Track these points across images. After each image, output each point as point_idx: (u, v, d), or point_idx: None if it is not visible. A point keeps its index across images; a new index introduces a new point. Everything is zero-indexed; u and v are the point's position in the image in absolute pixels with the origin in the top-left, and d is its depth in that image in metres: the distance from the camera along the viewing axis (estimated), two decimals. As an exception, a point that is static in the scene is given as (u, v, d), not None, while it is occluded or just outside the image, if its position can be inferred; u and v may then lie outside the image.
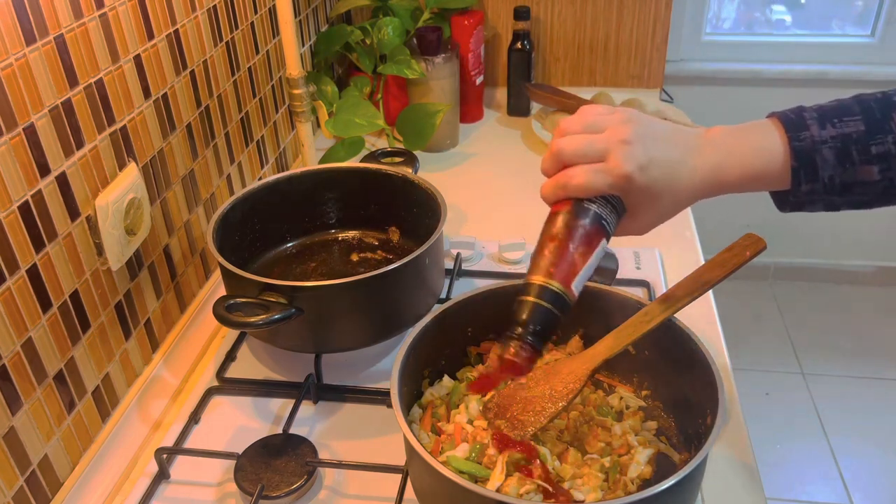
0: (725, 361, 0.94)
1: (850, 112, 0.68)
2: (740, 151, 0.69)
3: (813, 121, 0.68)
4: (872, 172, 0.68)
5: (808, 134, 0.68)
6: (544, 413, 0.72)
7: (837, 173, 0.68)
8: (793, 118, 0.69)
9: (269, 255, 1.08)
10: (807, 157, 0.68)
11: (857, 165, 0.68)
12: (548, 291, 0.66)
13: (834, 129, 0.68)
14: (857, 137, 0.67)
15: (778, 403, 2.20)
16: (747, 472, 0.81)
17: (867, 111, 0.68)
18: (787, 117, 0.69)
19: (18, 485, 0.72)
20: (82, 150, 0.80)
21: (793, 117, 0.69)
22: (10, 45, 0.69)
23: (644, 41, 1.65)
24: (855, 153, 0.67)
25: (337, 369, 0.95)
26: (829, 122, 0.68)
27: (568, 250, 0.67)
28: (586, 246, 0.67)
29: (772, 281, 2.61)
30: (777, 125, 0.69)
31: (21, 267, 0.72)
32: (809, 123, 0.68)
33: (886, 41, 2.12)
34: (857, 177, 0.68)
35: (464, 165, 1.46)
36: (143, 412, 0.91)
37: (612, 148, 0.66)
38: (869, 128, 0.67)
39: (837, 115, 0.68)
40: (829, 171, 0.68)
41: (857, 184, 0.68)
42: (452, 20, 1.51)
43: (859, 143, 0.67)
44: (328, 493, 0.81)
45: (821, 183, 0.68)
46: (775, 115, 0.71)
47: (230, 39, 1.12)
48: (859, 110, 0.68)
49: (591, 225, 0.68)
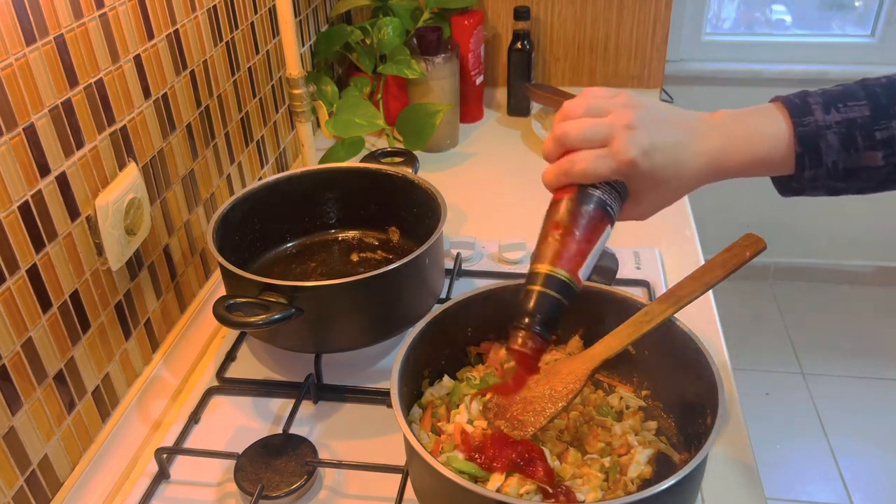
0: (725, 361, 0.94)
1: (855, 97, 0.68)
2: (744, 136, 0.68)
3: (818, 105, 0.68)
4: (876, 158, 0.67)
5: (812, 119, 0.67)
6: (544, 413, 0.73)
7: (841, 158, 0.67)
8: (797, 103, 0.68)
9: (269, 255, 1.08)
10: (811, 142, 0.67)
11: (862, 151, 0.67)
12: (554, 280, 0.64)
13: (839, 114, 0.67)
14: (862, 122, 0.66)
15: (778, 403, 2.20)
16: (747, 472, 0.81)
17: (872, 96, 0.67)
18: (792, 102, 0.69)
19: (18, 485, 0.72)
20: (82, 150, 0.80)
21: (797, 102, 0.69)
22: (10, 45, 0.69)
23: (644, 41, 1.65)
24: (859, 138, 0.67)
25: (337, 369, 0.95)
26: (833, 107, 0.67)
27: (573, 237, 0.65)
28: (591, 232, 0.66)
29: (772, 281, 2.61)
30: (781, 109, 0.69)
31: (21, 267, 0.72)
32: (814, 108, 0.68)
33: (886, 41, 2.12)
34: (861, 162, 0.67)
35: (464, 165, 1.46)
36: (143, 412, 0.91)
37: (615, 133, 0.66)
38: (874, 113, 0.67)
39: (842, 100, 0.68)
40: (833, 156, 0.67)
41: (861, 169, 0.68)
42: (452, 20, 1.51)
43: (864, 129, 0.66)
44: (328, 493, 0.81)
45: (824, 168, 0.68)
46: (779, 99, 0.70)
47: (230, 39, 1.12)
48: (864, 95, 0.68)
49: (595, 211, 0.66)
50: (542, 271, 0.65)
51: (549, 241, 0.66)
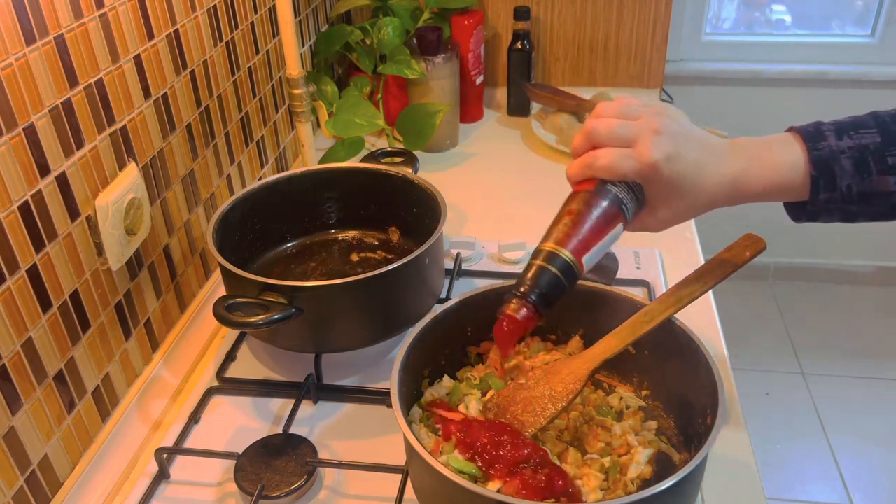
0: (725, 361, 0.94)
1: (866, 125, 0.71)
2: (762, 162, 0.71)
3: (830, 132, 0.71)
4: (888, 183, 0.69)
5: (826, 144, 0.70)
6: (544, 414, 0.73)
7: (855, 182, 0.70)
8: (811, 130, 0.71)
9: (269, 255, 1.08)
10: (825, 165, 0.70)
11: (874, 175, 0.69)
12: (558, 258, 0.66)
13: (851, 140, 0.70)
14: (874, 148, 0.69)
15: (778, 403, 2.20)
16: (747, 472, 0.81)
17: (882, 124, 0.70)
18: (806, 130, 0.72)
19: (18, 485, 0.72)
20: (82, 150, 0.80)
21: (811, 130, 0.72)
22: (10, 45, 0.69)
23: (644, 41, 1.65)
24: (872, 163, 0.69)
25: (337, 369, 0.95)
26: (846, 134, 0.70)
27: (583, 224, 0.67)
28: (603, 224, 0.68)
29: (772, 281, 2.61)
30: (796, 137, 0.72)
31: (21, 267, 0.72)
32: (827, 135, 0.70)
33: (886, 41, 2.12)
34: (873, 187, 0.70)
35: (464, 165, 1.46)
36: (143, 412, 0.91)
37: (642, 135, 0.68)
38: (885, 139, 0.69)
39: (854, 128, 0.71)
40: (848, 179, 0.70)
41: (873, 194, 0.70)
42: (452, 20, 1.51)
43: (876, 154, 0.69)
44: (328, 493, 0.81)
45: (839, 192, 0.70)
46: (794, 129, 0.73)
47: (230, 39, 1.12)
48: (874, 124, 0.71)
49: (610, 206, 0.68)
50: (546, 248, 0.67)
51: (560, 224, 0.68)
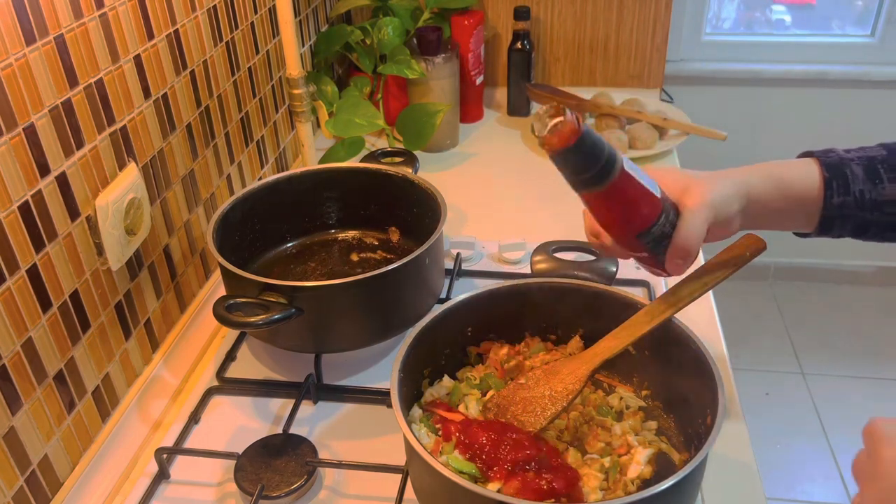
0: (725, 361, 0.94)
1: (872, 148, 0.76)
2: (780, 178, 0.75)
3: (838, 148, 0.76)
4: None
5: (835, 153, 0.75)
6: (544, 414, 0.73)
7: (867, 188, 0.73)
8: (820, 150, 0.77)
9: (269, 255, 1.08)
10: (837, 169, 0.73)
11: (886, 183, 0.72)
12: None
13: (858, 153, 0.75)
14: (882, 159, 0.73)
15: (778, 403, 2.20)
16: (747, 472, 0.81)
17: (887, 146, 0.75)
18: (816, 150, 0.77)
19: (18, 485, 0.72)
20: (82, 150, 0.80)
21: (820, 150, 0.77)
22: (10, 45, 0.69)
23: (644, 41, 1.65)
24: (882, 171, 0.73)
25: (337, 369, 0.95)
26: (853, 150, 0.76)
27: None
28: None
29: (772, 281, 2.61)
30: (807, 156, 0.77)
31: (21, 267, 0.72)
32: (835, 148, 0.76)
33: (886, 41, 2.12)
34: (885, 195, 0.72)
35: (464, 165, 1.46)
36: (143, 412, 0.91)
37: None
38: (890, 154, 0.74)
39: (860, 148, 0.76)
40: (860, 185, 0.73)
41: (886, 203, 0.73)
42: (452, 20, 1.51)
43: (885, 163, 0.73)
44: (328, 493, 0.81)
45: (852, 196, 0.73)
46: (804, 153, 0.78)
47: (230, 39, 1.12)
48: (880, 147, 0.76)
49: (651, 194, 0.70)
50: None
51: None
